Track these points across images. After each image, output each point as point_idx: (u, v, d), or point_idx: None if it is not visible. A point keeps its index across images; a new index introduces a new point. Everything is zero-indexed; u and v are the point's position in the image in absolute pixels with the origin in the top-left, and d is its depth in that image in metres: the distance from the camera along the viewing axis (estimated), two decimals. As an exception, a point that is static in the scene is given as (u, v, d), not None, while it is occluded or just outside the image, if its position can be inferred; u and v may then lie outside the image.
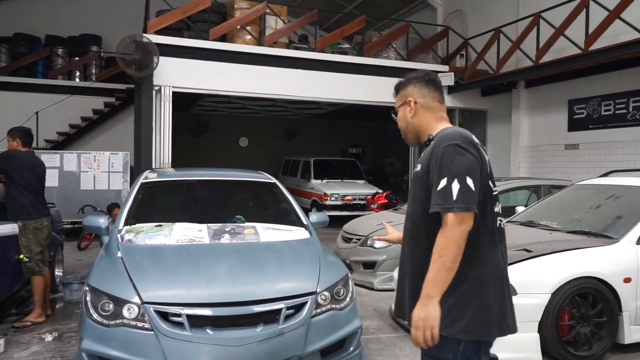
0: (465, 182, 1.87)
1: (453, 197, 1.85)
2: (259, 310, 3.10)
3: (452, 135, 1.97)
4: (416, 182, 2.08)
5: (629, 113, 8.84)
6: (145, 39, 9.17)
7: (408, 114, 2.19)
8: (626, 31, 7.94)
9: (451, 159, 1.90)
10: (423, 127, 2.17)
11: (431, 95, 2.18)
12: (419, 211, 2.04)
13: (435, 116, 2.17)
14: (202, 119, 16.34)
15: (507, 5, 11.49)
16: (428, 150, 2.04)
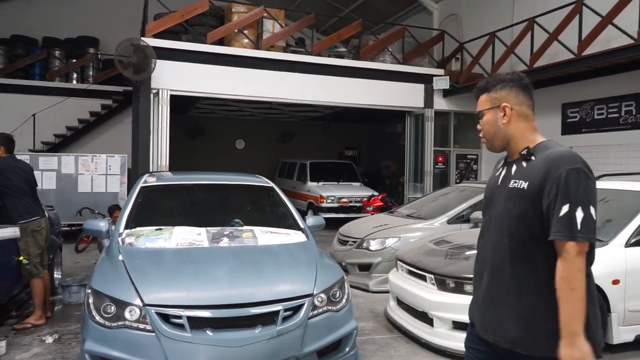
0: (589, 210, 1.80)
1: (577, 226, 1.78)
2: (258, 312, 3.18)
3: (572, 157, 1.87)
4: (519, 200, 1.95)
5: (621, 117, 8.96)
6: (143, 42, 9.24)
7: (500, 120, 2.05)
8: (618, 36, 8.06)
9: (576, 184, 1.82)
10: (517, 136, 2.04)
11: (527, 102, 2.05)
12: (524, 229, 1.93)
13: (529, 125, 2.06)
14: (199, 121, 16.39)
15: (502, 10, 11.61)
16: (536, 168, 1.93)
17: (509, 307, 1.96)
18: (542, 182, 1.88)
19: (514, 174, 2.02)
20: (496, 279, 2.02)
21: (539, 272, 1.90)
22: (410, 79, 11.66)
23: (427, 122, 11.87)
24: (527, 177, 1.94)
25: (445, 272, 4.35)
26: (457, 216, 6.75)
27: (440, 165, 12.16)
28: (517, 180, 1.98)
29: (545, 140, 2.03)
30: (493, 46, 10.85)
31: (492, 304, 2.03)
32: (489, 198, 2.16)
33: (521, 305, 1.93)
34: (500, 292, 1.99)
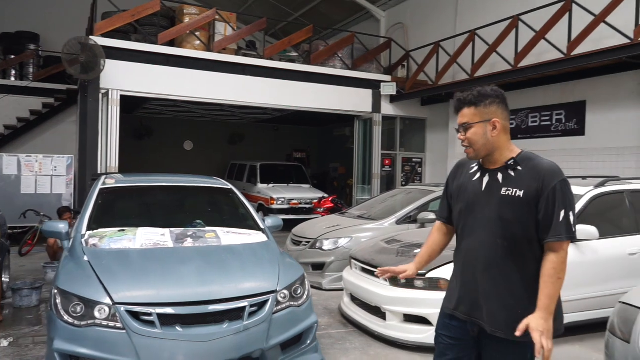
0: (575, 214, 2.17)
1: (573, 228, 2.14)
2: (225, 309, 3.34)
3: (559, 170, 2.21)
4: (515, 206, 2.20)
5: (553, 125, 9.70)
6: (92, 41, 9.10)
7: (490, 133, 2.27)
8: (550, 50, 8.75)
9: (568, 193, 2.17)
10: (502, 147, 2.29)
11: (508, 116, 2.34)
12: (520, 231, 2.20)
13: (509, 137, 2.34)
14: (146, 122, 16.12)
15: (445, 21, 12.22)
16: (528, 178, 2.19)
17: (501, 298, 2.25)
18: (539, 190, 2.17)
19: (503, 182, 2.27)
20: (491, 275, 2.28)
21: (527, 267, 2.22)
22: (359, 85, 12.04)
23: (375, 126, 12.29)
24: (521, 186, 2.21)
25: (397, 268, 4.65)
26: (405, 217, 7.11)
27: (387, 168, 12.62)
28: (510, 189, 2.24)
29: (521, 151, 2.32)
30: (437, 55, 11.41)
31: (485, 296, 2.29)
32: (471, 202, 2.37)
33: (511, 297, 2.23)
34: (493, 285, 2.27)
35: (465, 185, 2.43)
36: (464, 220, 2.41)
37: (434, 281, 4.41)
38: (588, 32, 8.05)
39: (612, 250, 4.92)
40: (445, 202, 2.60)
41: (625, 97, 8.41)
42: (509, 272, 2.24)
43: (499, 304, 2.26)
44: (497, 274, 2.26)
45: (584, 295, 4.77)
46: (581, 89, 9.11)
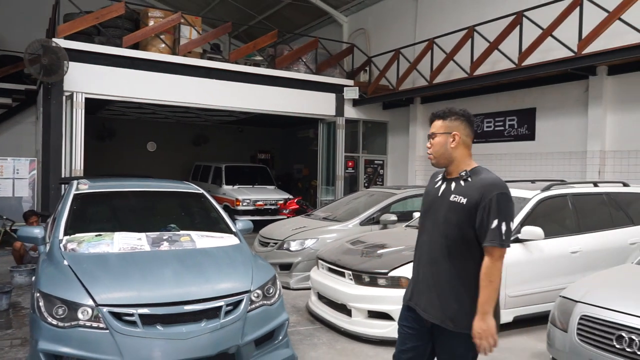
0: (509, 225, 2.45)
1: (502, 236, 2.42)
2: (202, 308, 3.56)
3: (500, 184, 2.51)
4: (459, 211, 2.53)
5: (505, 130, 10.28)
6: (55, 43, 9.04)
7: (449, 144, 2.61)
8: (503, 60, 9.29)
9: (504, 205, 2.46)
10: (459, 159, 2.63)
11: (470, 135, 2.66)
12: (459, 235, 2.53)
13: (468, 153, 2.66)
14: (108, 123, 15.95)
15: (406, 28, 12.69)
16: (473, 189, 2.52)
17: (443, 292, 2.58)
18: (478, 200, 2.50)
19: (453, 190, 2.61)
20: (433, 270, 2.63)
21: (465, 266, 2.54)
22: (322, 89, 12.36)
23: (338, 129, 12.63)
24: (466, 194, 2.55)
25: (362, 268, 4.97)
26: (369, 218, 7.45)
27: (350, 169, 12.99)
28: (457, 196, 2.58)
29: (477, 165, 2.66)
30: (398, 62, 11.85)
31: (428, 290, 2.64)
32: (429, 205, 2.73)
33: (450, 291, 2.56)
34: (437, 280, 2.61)
35: (429, 191, 2.81)
36: (422, 220, 2.79)
37: (396, 279, 4.74)
38: (537, 44, 8.62)
39: (556, 249, 5.38)
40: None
41: (572, 105, 9.04)
42: (448, 268, 2.57)
43: (437, 297, 2.59)
44: (438, 270, 2.61)
45: (531, 291, 5.21)
46: (531, 96, 9.71)
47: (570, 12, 8.16)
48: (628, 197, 6.33)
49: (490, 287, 2.45)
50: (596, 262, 5.43)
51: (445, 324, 2.56)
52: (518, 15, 8.94)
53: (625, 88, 8.30)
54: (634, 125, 8.19)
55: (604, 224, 5.84)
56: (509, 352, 4.65)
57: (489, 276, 2.45)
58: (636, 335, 3.18)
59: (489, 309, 2.45)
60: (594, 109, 8.57)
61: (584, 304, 3.63)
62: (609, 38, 7.85)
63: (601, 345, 3.35)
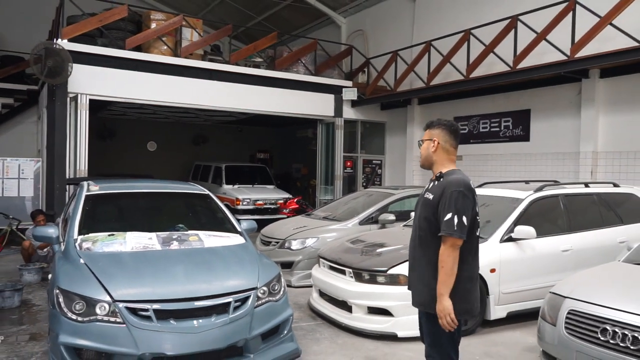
0: (462, 218, 2.81)
1: (454, 227, 2.80)
2: (212, 304, 3.78)
3: (459, 182, 2.89)
4: (427, 207, 2.98)
5: (501, 131, 10.50)
6: (59, 45, 9.22)
7: (430, 148, 3.05)
8: (498, 62, 9.50)
9: (459, 201, 2.83)
10: (438, 162, 3.04)
11: (451, 142, 3.05)
12: (427, 226, 2.98)
13: (449, 157, 3.05)
14: (109, 123, 16.12)
15: (403, 30, 12.90)
16: (439, 187, 2.94)
17: (420, 279, 3.04)
18: (440, 197, 2.91)
19: (429, 189, 3.06)
20: (414, 261, 3.11)
21: (432, 255, 2.92)
22: (321, 90, 12.55)
23: (337, 130, 12.84)
24: (434, 192, 2.99)
25: (362, 266, 5.19)
26: (367, 218, 7.67)
27: (349, 169, 13.21)
28: (429, 194, 3.03)
29: (454, 169, 3.03)
30: (395, 63, 12.06)
31: (413, 278, 3.13)
32: (417, 204, 3.21)
33: (422, 277, 3.00)
34: (416, 269, 3.09)
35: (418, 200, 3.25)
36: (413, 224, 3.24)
37: (395, 277, 4.96)
38: (531, 48, 8.83)
39: (548, 247, 5.62)
40: None
41: (565, 107, 9.27)
42: (420, 257, 3.04)
43: (416, 283, 3.07)
44: (414, 258, 3.11)
45: (524, 288, 5.44)
46: (526, 98, 9.94)
47: (563, 17, 8.38)
48: (618, 197, 6.57)
49: (442, 272, 2.83)
50: (586, 260, 5.63)
51: (420, 306, 3.05)
52: (513, 20, 9.16)
53: (616, 90, 8.53)
54: (625, 126, 8.42)
55: (595, 224, 6.08)
56: (502, 346, 4.88)
57: (441, 262, 2.84)
58: (619, 328, 3.41)
59: (443, 291, 2.82)
60: (587, 110, 8.80)
61: (571, 299, 3.85)
62: (601, 42, 8.08)
63: (587, 337, 3.58)
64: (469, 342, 4.96)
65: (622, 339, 3.37)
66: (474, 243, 2.98)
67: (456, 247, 2.83)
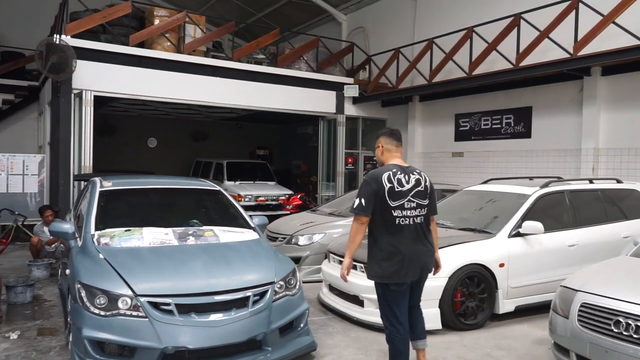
0: (361, 200, 3.62)
1: (354, 206, 3.67)
2: (232, 298, 3.85)
3: (369, 174, 3.74)
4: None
5: (502, 128, 10.59)
6: (63, 41, 9.22)
7: (379, 152, 3.89)
8: (500, 60, 9.58)
9: (360, 188, 3.73)
10: (385, 161, 3.86)
11: (390, 142, 3.86)
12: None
13: (391, 155, 3.86)
14: (110, 119, 16.09)
15: (404, 28, 12.96)
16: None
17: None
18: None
19: None
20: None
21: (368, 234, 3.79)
22: (323, 86, 12.61)
23: (339, 126, 12.90)
24: None
25: (373, 261, 5.25)
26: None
27: (350, 166, 13.27)
28: None
29: (389, 164, 3.79)
30: (397, 60, 12.12)
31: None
32: None
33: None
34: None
35: None
36: None
37: (406, 271, 5.03)
38: (534, 46, 8.92)
39: (554, 242, 5.71)
40: None
41: (566, 104, 9.37)
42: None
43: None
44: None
45: (531, 282, 5.53)
46: (528, 95, 10.03)
47: (566, 15, 8.47)
48: (621, 193, 6.66)
49: (349, 239, 3.76)
50: (592, 254, 5.74)
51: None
52: (516, 17, 9.24)
53: (618, 88, 8.63)
54: (626, 123, 8.53)
55: (599, 219, 6.18)
56: (512, 339, 4.96)
57: (350, 233, 3.74)
58: (632, 320, 3.49)
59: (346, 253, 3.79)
60: (588, 108, 8.90)
61: (583, 292, 3.93)
62: (603, 40, 8.17)
63: (600, 329, 3.66)
64: (478, 335, 5.06)
65: (636, 331, 3.45)
66: (387, 222, 3.63)
67: (359, 222, 3.67)
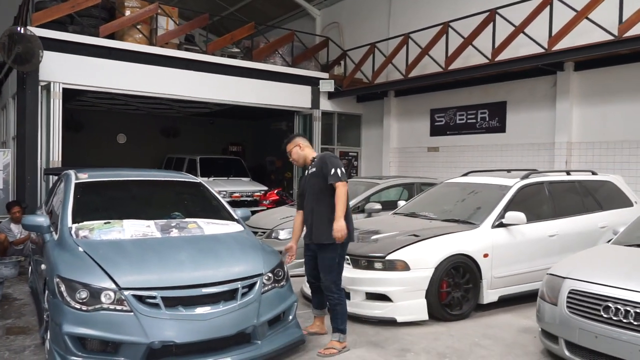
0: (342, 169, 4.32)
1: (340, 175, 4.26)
2: (220, 290, 3.73)
3: (327, 153, 4.55)
4: (316, 176, 4.39)
5: (477, 122, 10.71)
6: (29, 31, 8.84)
7: (300, 150, 4.57)
8: (476, 55, 9.67)
9: (332, 159, 4.40)
10: (307, 155, 4.58)
11: (305, 139, 4.67)
12: (320, 187, 4.34)
13: (311, 149, 4.65)
14: (77, 114, 15.57)
15: (379, 22, 12.97)
16: (318, 163, 4.41)
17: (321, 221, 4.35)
18: (321, 165, 4.37)
19: (310, 169, 4.49)
20: (312, 213, 4.41)
21: (329, 201, 4.29)
22: (299, 81, 12.49)
23: (314, 121, 12.82)
24: (315, 167, 4.43)
25: (359, 252, 5.20)
26: (353, 207, 7.67)
27: (326, 161, 13.16)
28: (312, 169, 4.46)
29: (316, 153, 4.58)
30: (373, 55, 12.11)
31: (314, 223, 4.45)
32: (304, 187, 4.56)
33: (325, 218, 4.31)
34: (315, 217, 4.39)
35: (302, 182, 4.69)
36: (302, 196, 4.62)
37: (393, 263, 5.00)
38: (510, 41, 9.04)
39: (536, 233, 5.77)
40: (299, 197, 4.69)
41: (540, 99, 9.53)
42: (319, 207, 4.37)
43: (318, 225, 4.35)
44: (314, 210, 4.40)
45: (514, 272, 5.57)
46: (503, 90, 10.17)
47: (541, 11, 8.59)
48: (596, 184, 6.79)
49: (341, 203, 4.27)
50: (571, 244, 5.82)
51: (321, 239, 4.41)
52: (492, 13, 9.34)
53: (590, 83, 8.83)
54: (598, 118, 8.73)
55: (577, 210, 6.28)
56: (497, 329, 4.98)
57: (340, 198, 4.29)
58: (622, 305, 3.53)
59: (341, 214, 4.25)
60: (561, 102, 9.07)
61: (571, 279, 3.97)
62: (576, 36, 8.34)
63: (590, 315, 3.70)
64: (464, 325, 5.06)
65: (625, 315, 3.49)
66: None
67: (346, 187, 4.27)
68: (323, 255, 4.34)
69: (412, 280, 5.01)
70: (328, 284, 4.36)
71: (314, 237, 4.35)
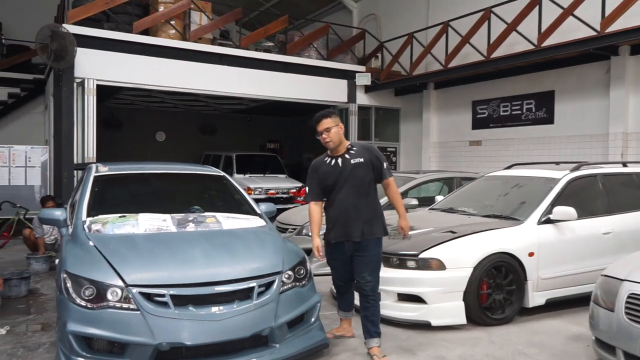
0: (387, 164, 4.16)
1: (390, 171, 4.16)
2: (234, 289, 3.45)
3: (369, 145, 4.19)
4: (362, 167, 3.99)
5: (523, 114, 10.08)
6: (64, 29, 8.90)
7: (340, 131, 4.02)
8: (521, 42, 9.08)
9: (380, 155, 4.15)
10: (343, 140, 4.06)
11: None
12: (369, 180, 4.02)
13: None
14: (117, 113, 15.81)
15: (418, 12, 12.47)
16: (362, 151, 4.04)
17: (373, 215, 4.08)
18: (369, 156, 4.02)
19: (353, 157, 3.99)
20: (358, 208, 3.97)
21: (375, 196, 4.10)
22: (334, 75, 12.16)
23: (351, 116, 12.45)
24: (362, 156, 3.99)
25: (390, 250, 4.82)
26: (388, 203, 7.28)
27: (363, 157, 12.78)
28: (357, 159, 3.98)
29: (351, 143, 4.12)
30: (411, 46, 11.64)
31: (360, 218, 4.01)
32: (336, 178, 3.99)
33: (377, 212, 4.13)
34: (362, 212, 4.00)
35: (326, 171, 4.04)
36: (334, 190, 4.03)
37: (427, 261, 4.61)
38: (557, 24, 8.41)
39: (588, 230, 5.22)
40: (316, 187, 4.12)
41: (591, 87, 8.84)
42: (365, 202, 4.00)
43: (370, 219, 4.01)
44: (359, 206, 3.98)
45: (564, 273, 5.05)
46: (550, 79, 9.51)
47: (592, -10, 7.94)
48: (658, 178, 6.15)
49: (400, 201, 4.32)
50: (628, 243, 5.27)
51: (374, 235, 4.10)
52: (537, -5, 8.73)
53: (648, 68, 8.10)
54: (658, 106, 8.00)
55: (635, 205, 5.67)
56: (544, 335, 4.51)
57: (397, 194, 4.27)
58: (693, 313, 3.04)
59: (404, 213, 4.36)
60: (616, 90, 8.37)
61: (630, 282, 3.47)
62: (631, 16, 7.66)
63: (653, 323, 3.21)
64: (507, 330, 4.61)
65: (697, 325, 3.00)
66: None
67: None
68: (369, 253, 3.97)
69: (448, 281, 4.60)
70: (375, 283, 4.02)
71: (366, 233, 3.95)
